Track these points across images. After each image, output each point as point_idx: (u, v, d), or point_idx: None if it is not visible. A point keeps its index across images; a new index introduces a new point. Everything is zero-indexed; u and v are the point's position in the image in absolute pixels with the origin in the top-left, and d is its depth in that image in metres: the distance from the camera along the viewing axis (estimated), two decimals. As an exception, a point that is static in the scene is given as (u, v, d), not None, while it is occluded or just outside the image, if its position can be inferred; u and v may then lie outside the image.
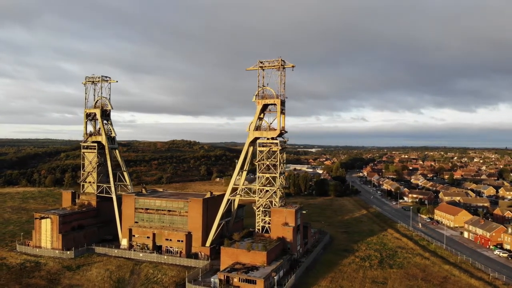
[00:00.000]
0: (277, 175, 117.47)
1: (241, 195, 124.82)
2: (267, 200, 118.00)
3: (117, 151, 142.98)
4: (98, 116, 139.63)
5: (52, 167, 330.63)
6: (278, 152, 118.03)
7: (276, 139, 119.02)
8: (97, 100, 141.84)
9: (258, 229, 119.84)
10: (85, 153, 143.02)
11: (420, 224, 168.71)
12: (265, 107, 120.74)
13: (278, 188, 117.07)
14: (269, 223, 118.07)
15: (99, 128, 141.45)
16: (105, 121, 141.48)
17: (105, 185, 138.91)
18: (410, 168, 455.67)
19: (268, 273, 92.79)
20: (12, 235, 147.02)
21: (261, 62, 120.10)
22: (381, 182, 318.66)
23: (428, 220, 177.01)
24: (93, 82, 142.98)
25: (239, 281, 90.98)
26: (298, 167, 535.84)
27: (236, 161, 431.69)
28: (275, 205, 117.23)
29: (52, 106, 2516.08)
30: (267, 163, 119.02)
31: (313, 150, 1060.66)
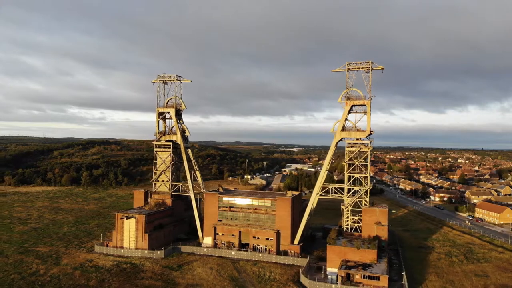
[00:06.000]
0: (368, 174, 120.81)
1: (321, 194, 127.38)
2: (357, 199, 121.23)
3: (189, 150, 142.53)
4: (172, 115, 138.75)
5: (65, 166, 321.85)
6: (368, 152, 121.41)
7: (365, 140, 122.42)
8: (170, 99, 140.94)
9: (347, 228, 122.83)
10: (157, 152, 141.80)
11: (467, 221, 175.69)
12: (351, 108, 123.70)
13: (369, 188, 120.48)
14: (358, 222, 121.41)
15: (173, 127, 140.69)
16: (177, 120, 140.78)
17: (181, 184, 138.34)
18: (412, 168, 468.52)
19: (386, 270, 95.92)
20: (75, 236, 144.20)
21: (349, 64, 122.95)
22: (395, 182, 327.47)
23: (470, 218, 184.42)
24: (164, 81, 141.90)
25: (362, 277, 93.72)
26: (298, 166, 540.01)
27: (246, 160, 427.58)
28: (365, 204, 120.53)
29: (18, 102, 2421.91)
30: (357, 163, 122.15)
31: (295, 149, 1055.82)
